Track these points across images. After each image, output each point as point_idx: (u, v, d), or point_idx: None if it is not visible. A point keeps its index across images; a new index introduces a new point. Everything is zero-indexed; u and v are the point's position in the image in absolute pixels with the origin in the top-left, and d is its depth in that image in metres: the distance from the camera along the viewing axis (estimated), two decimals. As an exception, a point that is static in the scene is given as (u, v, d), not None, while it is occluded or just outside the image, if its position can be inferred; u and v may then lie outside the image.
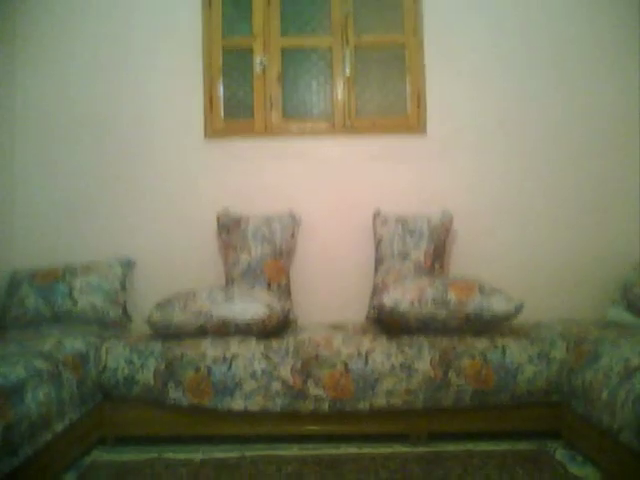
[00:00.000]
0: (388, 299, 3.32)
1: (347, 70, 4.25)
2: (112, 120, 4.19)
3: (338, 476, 2.90)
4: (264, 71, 4.25)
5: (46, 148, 4.20)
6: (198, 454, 3.17)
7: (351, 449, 3.21)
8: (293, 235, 4.00)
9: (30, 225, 4.16)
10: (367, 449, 3.20)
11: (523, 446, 3.21)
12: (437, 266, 3.82)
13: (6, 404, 2.46)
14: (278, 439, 3.28)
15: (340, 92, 4.26)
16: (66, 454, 2.98)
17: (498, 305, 3.26)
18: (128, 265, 4.07)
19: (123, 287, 3.97)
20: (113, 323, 3.84)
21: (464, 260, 4.08)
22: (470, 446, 3.21)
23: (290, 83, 4.32)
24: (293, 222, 4.00)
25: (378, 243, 3.94)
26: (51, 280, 3.86)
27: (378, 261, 3.91)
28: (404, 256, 3.81)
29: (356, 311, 3.95)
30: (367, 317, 3.82)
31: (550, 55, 4.20)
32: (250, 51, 4.28)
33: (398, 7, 4.28)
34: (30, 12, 4.23)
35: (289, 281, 3.93)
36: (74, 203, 4.17)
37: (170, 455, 3.19)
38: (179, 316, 3.34)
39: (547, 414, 3.28)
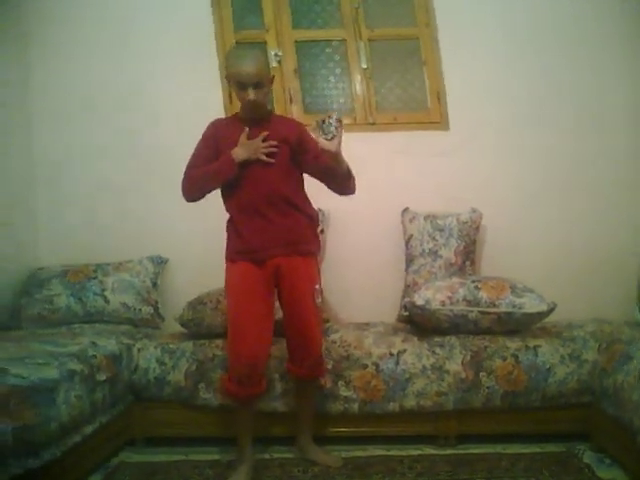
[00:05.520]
0: (419, 299, 3.30)
1: (363, 63, 4.20)
2: (140, 119, 4.18)
3: (365, 478, 2.91)
4: (280, 64, 4.22)
5: (69, 141, 4.22)
6: (226, 455, 3.18)
7: (379, 451, 3.20)
8: (322, 231, 3.97)
9: (55, 223, 4.22)
10: (395, 451, 3.19)
11: (551, 448, 3.17)
12: (468, 264, 3.79)
13: (27, 404, 2.45)
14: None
15: (358, 86, 4.21)
16: (93, 455, 2.99)
17: (530, 305, 3.22)
18: (160, 263, 4.08)
19: (155, 285, 3.99)
20: (145, 322, 3.87)
21: (493, 258, 4.01)
22: (499, 448, 3.19)
23: (307, 77, 4.29)
24: (322, 218, 3.96)
25: (407, 241, 3.91)
26: (83, 278, 3.90)
27: (408, 260, 3.89)
28: (434, 254, 3.79)
29: (387, 311, 3.91)
30: (398, 317, 3.80)
31: (563, 42, 4.06)
32: (264, 44, 4.22)
33: (408, -1, 4.21)
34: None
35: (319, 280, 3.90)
36: (104, 200, 4.19)
37: (197, 456, 3.21)
38: (210, 315, 3.36)
39: (577, 416, 3.23)
